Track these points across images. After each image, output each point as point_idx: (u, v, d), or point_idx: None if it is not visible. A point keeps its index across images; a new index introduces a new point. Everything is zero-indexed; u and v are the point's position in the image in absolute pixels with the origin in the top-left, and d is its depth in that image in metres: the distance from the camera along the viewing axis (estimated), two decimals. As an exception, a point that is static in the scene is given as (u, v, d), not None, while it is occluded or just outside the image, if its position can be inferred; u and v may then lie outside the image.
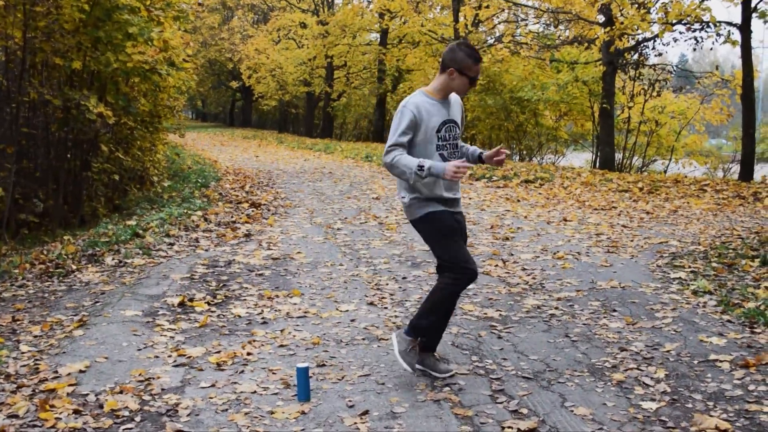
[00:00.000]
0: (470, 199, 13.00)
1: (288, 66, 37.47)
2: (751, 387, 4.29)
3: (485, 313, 5.87)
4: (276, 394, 4.24)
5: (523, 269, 7.46)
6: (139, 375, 4.47)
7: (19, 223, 9.24)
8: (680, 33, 17.62)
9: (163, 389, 4.28)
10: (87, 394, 4.17)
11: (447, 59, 4.40)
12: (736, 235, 9.23)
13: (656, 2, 17.62)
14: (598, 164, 20.38)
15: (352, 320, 5.69)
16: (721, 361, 4.72)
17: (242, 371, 4.59)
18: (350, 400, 4.13)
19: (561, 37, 26.02)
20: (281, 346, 5.08)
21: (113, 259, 7.66)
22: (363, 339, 5.23)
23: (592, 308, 6.03)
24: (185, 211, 10.49)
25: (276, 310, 5.94)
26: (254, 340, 5.18)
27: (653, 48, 20.09)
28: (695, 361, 4.75)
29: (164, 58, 10.81)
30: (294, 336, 5.29)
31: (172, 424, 3.81)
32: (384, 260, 7.89)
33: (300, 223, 10.29)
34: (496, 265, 7.63)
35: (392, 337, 4.64)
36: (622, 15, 17.49)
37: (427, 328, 4.45)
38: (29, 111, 9.48)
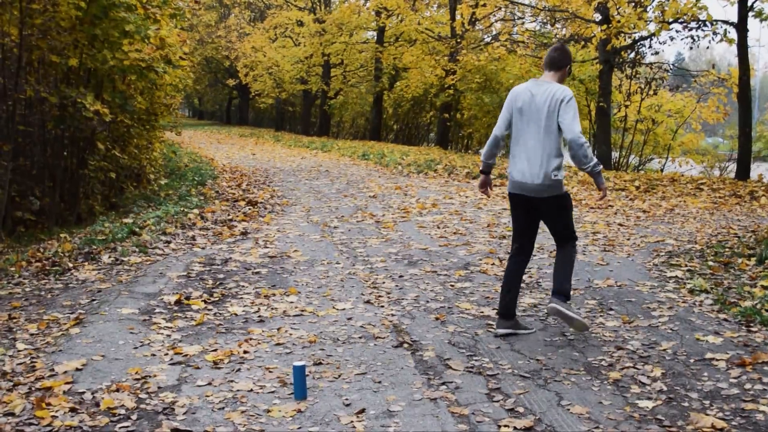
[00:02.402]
0: (467, 197, 13.01)
1: (285, 64, 37.39)
2: (748, 386, 4.30)
3: (482, 312, 5.88)
4: (272, 392, 4.24)
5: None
6: (136, 373, 4.47)
7: (16, 220, 9.22)
8: (677, 31, 17.64)
9: (159, 387, 4.28)
10: (83, 392, 4.17)
11: (565, 58, 5.20)
12: (733, 234, 9.25)
13: (653, 1, 17.63)
14: (594, 163, 20.36)
15: (349, 318, 5.69)
16: (717, 360, 4.73)
17: (239, 369, 4.59)
18: (347, 399, 4.13)
19: (557, 36, 26.02)
20: (278, 344, 5.08)
21: (110, 257, 7.65)
22: (360, 337, 5.23)
23: (588, 307, 6.03)
24: (182, 209, 10.48)
25: (273, 309, 5.94)
26: (251, 339, 5.18)
27: (650, 46, 20.11)
28: (691, 360, 4.76)
29: (161, 56, 10.79)
30: (291, 334, 5.29)
31: (169, 423, 3.81)
32: (381, 258, 7.89)
33: (297, 221, 10.29)
34: (493, 264, 7.63)
35: (556, 308, 5.09)
36: (618, 13, 17.50)
37: (569, 289, 5.20)
38: (25, 108, 9.45)
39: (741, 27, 16.22)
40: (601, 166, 5.10)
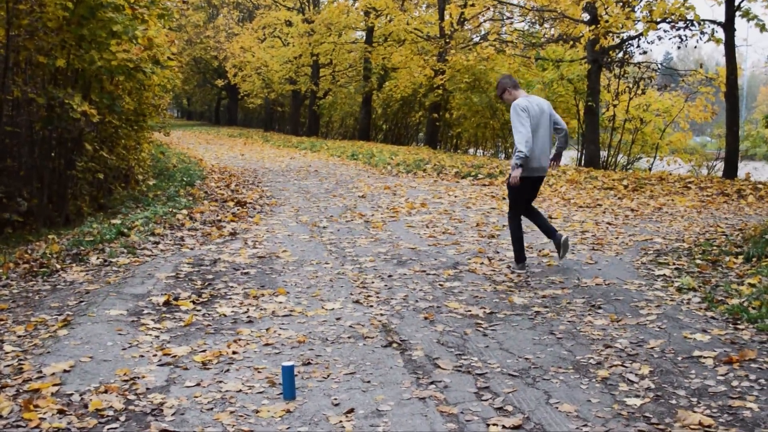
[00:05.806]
0: (456, 197, 13.03)
1: (273, 64, 37.34)
2: (735, 383, 4.32)
3: (470, 311, 5.89)
4: (261, 392, 4.24)
5: (509, 267, 7.48)
6: (124, 374, 4.45)
7: (3, 222, 9.17)
8: (664, 31, 17.69)
9: (148, 388, 4.27)
10: (71, 394, 4.15)
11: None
12: (720, 232, 9.30)
13: (641, 0, 17.70)
14: (583, 162, 20.44)
15: (338, 318, 5.69)
16: (704, 358, 4.75)
17: (228, 370, 4.59)
18: (336, 399, 4.13)
19: (546, 36, 26.09)
20: (267, 344, 5.08)
21: (98, 258, 7.62)
22: (349, 337, 5.23)
23: (576, 305, 6.05)
24: (170, 209, 10.45)
25: (261, 309, 5.94)
26: (240, 339, 5.17)
27: (638, 46, 20.15)
28: (679, 358, 4.78)
29: (149, 57, 10.76)
30: (279, 334, 5.29)
31: (157, 424, 3.80)
32: (370, 258, 7.89)
33: (286, 222, 10.28)
34: (482, 263, 7.64)
35: (567, 237, 7.49)
36: (606, 13, 17.54)
37: None
38: (13, 109, 9.41)
39: (728, 27, 16.30)
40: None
